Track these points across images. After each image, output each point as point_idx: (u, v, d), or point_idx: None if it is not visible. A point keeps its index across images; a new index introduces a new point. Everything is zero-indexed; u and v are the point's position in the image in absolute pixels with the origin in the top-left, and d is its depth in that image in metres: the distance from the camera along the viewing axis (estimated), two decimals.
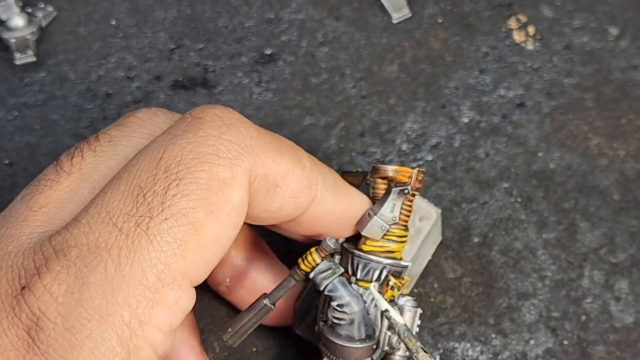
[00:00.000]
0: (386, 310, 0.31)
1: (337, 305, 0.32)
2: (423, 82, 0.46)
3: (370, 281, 0.33)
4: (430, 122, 0.45)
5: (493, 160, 0.44)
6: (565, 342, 0.39)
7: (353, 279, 0.33)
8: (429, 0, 0.49)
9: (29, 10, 0.49)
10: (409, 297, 0.33)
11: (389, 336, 0.33)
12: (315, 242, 0.34)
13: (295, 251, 0.39)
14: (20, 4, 0.48)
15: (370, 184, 0.34)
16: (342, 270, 0.32)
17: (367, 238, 0.33)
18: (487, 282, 0.40)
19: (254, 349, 0.40)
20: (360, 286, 0.33)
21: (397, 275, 0.34)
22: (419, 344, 0.30)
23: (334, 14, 0.49)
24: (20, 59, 0.48)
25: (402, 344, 0.33)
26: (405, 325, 0.31)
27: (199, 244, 0.26)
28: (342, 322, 0.32)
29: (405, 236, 0.34)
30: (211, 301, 0.40)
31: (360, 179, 0.36)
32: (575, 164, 0.43)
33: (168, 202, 0.26)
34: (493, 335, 0.39)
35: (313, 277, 0.32)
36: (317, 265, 0.32)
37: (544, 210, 0.42)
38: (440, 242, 0.41)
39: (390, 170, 0.33)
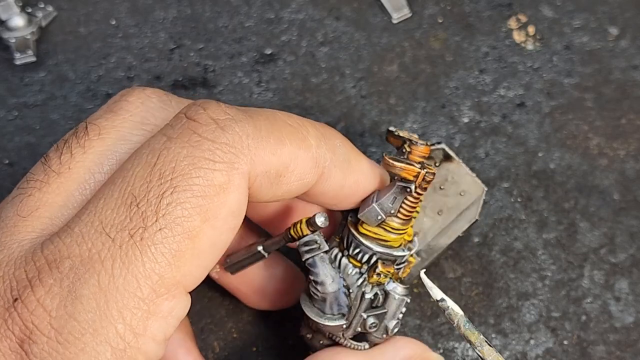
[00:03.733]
0: (442, 300, 0.31)
1: (313, 281, 0.32)
2: (423, 82, 0.46)
3: (360, 262, 0.33)
4: (430, 122, 0.45)
5: (493, 160, 0.44)
6: (565, 342, 0.39)
7: (346, 252, 0.33)
8: (429, 0, 0.49)
9: (29, 10, 0.49)
10: (399, 285, 0.33)
11: (364, 319, 0.33)
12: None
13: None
14: (20, 4, 0.48)
15: (405, 152, 0.34)
16: (327, 248, 0.32)
17: (363, 221, 0.33)
18: (487, 282, 0.40)
19: (254, 349, 0.40)
20: (351, 262, 0.33)
21: (388, 263, 0.33)
22: (482, 337, 0.29)
23: (334, 14, 0.49)
24: (20, 59, 0.48)
25: (378, 328, 0.33)
26: (465, 316, 0.30)
27: (194, 252, 0.26)
28: (315, 297, 0.33)
29: (404, 230, 0.33)
30: (211, 301, 0.40)
31: (400, 143, 0.35)
32: (575, 164, 0.43)
33: (162, 212, 0.25)
34: (493, 335, 0.39)
35: (298, 246, 0.32)
36: (304, 236, 0.32)
37: (544, 210, 0.42)
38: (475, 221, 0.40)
39: (397, 167, 0.32)
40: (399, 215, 0.32)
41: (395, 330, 0.34)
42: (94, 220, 0.26)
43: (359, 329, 0.33)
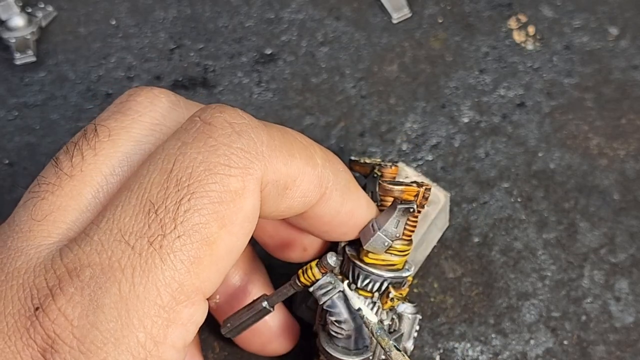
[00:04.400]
0: (359, 309, 0.31)
1: (335, 321, 0.32)
2: (423, 82, 0.46)
3: (370, 292, 0.33)
4: (430, 122, 0.45)
5: (493, 160, 0.44)
6: (565, 342, 0.39)
7: (353, 286, 0.33)
8: (429, 0, 0.49)
9: (29, 10, 0.49)
10: (408, 304, 0.33)
11: None
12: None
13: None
14: (20, 4, 0.48)
15: (377, 177, 0.34)
16: (342, 286, 0.32)
17: (369, 251, 0.33)
18: (487, 282, 0.40)
19: None
20: (360, 295, 0.33)
21: (398, 286, 0.33)
22: (391, 342, 0.30)
23: (334, 14, 0.49)
24: (20, 59, 0.48)
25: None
26: (377, 323, 0.31)
27: (212, 259, 0.26)
28: (339, 336, 0.32)
29: (408, 250, 0.33)
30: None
31: (367, 170, 0.35)
32: (575, 164, 0.43)
33: (180, 219, 0.25)
34: (493, 335, 0.39)
35: (312, 291, 0.32)
36: (317, 280, 0.32)
37: (544, 210, 0.42)
38: (447, 227, 0.40)
39: (397, 190, 0.32)
40: (403, 236, 0.33)
41: (412, 348, 0.34)
42: (112, 228, 0.25)
43: (382, 357, 0.33)
